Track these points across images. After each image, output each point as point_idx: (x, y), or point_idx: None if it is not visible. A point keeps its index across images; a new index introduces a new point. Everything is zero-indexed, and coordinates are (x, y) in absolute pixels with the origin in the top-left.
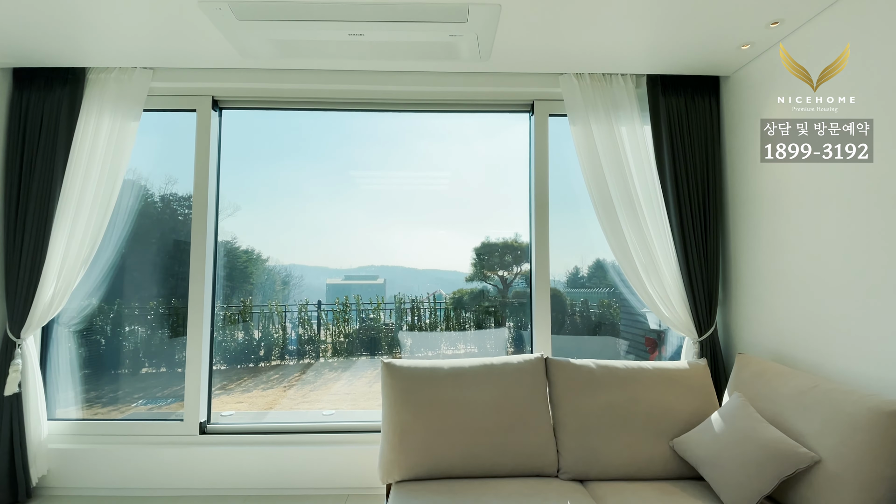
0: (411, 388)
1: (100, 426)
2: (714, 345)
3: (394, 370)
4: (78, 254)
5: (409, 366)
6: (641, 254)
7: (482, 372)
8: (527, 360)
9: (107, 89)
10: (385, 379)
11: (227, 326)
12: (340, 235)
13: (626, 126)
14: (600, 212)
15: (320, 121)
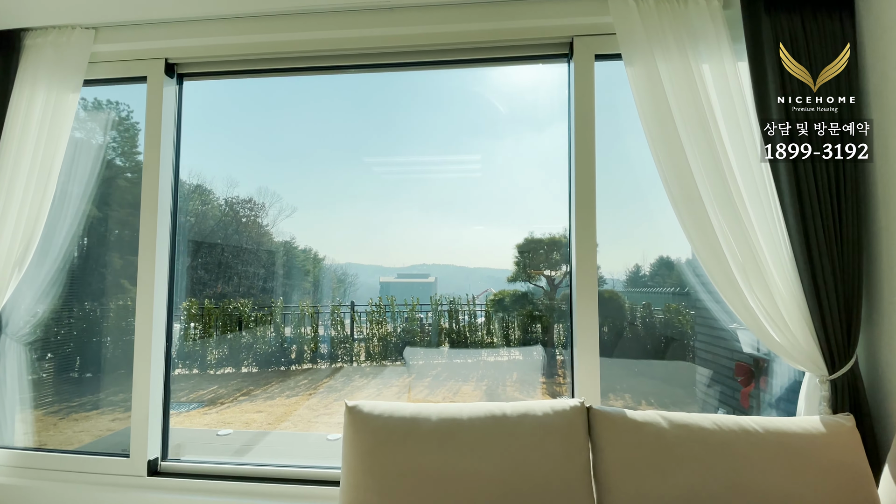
0: (380, 450)
1: (45, 458)
2: (854, 387)
3: (359, 420)
4: (9, 255)
5: (382, 413)
6: (738, 251)
7: (487, 427)
8: (558, 411)
9: (42, 56)
10: (346, 431)
11: (259, 327)
12: (393, 233)
13: (710, 63)
14: (673, 191)
15: (351, 112)
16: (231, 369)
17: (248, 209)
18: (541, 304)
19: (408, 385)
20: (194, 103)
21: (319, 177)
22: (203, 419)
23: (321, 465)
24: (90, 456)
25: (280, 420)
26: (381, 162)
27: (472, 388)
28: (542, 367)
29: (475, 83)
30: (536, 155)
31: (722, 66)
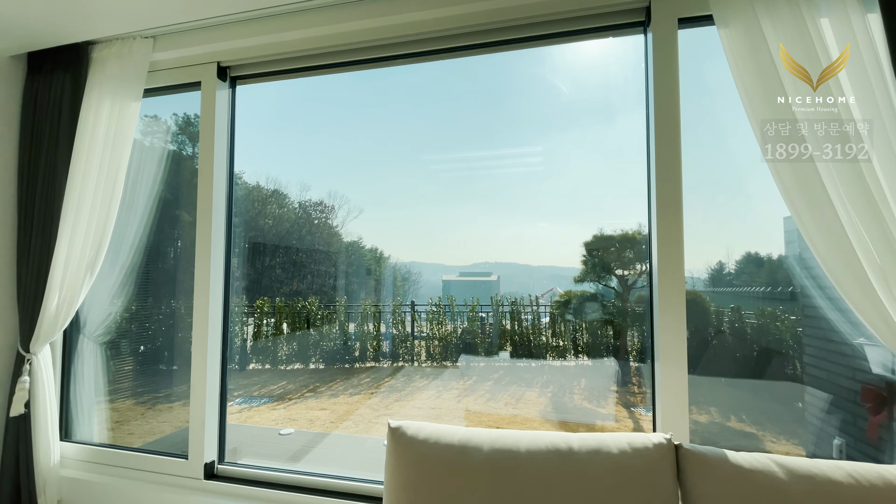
0: (424, 483)
1: (115, 455)
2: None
3: (402, 444)
4: (82, 257)
5: (428, 438)
6: (876, 253)
7: (550, 464)
8: (638, 450)
9: (107, 68)
10: (389, 457)
11: (325, 324)
12: (455, 231)
13: (830, 16)
14: (786, 181)
15: (408, 115)
16: (300, 365)
17: (319, 211)
18: (612, 306)
19: (468, 388)
20: (268, 112)
21: (382, 178)
22: (271, 414)
23: (373, 478)
24: (154, 455)
25: (342, 419)
26: (438, 160)
27: (537, 395)
28: (613, 375)
29: (535, 64)
30: (606, 144)
31: (846, 19)
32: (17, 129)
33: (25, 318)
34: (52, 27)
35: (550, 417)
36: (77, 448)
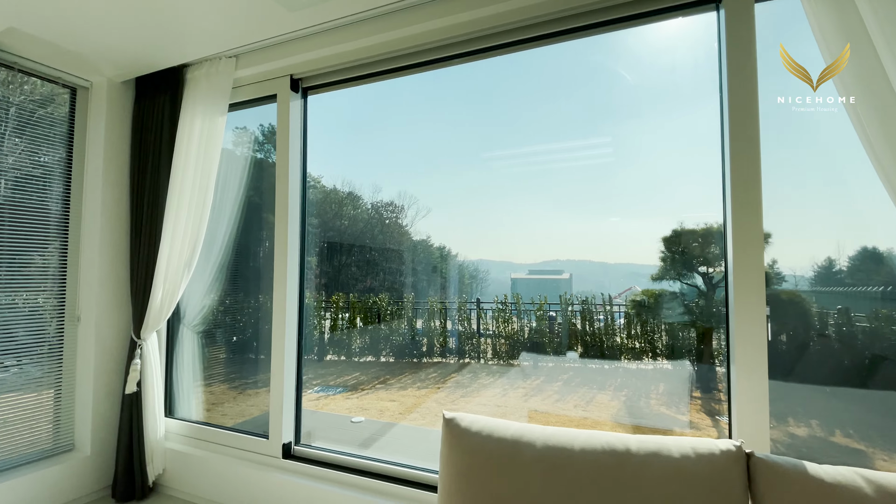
0: (475, 474)
1: (208, 432)
2: None
3: (455, 435)
4: (181, 255)
5: (481, 431)
6: None
7: (605, 465)
8: (702, 455)
9: (198, 87)
10: (443, 446)
11: (395, 320)
12: (522, 228)
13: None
14: (890, 175)
15: (473, 114)
16: (371, 358)
17: (390, 211)
18: (695, 305)
19: (535, 388)
20: (342, 119)
21: (448, 177)
22: (345, 403)
23: (435, 469)
24: (240, 434)
25: (409, 410)
26: (500, 156)
27: (609, 398)
28: (696, 380)
29: (596, 52)
30: (681, 131)
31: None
32: (128, 145)
33: (137, 308)
34: (154, 54)
35: (623, 422)
36: (178, 424)
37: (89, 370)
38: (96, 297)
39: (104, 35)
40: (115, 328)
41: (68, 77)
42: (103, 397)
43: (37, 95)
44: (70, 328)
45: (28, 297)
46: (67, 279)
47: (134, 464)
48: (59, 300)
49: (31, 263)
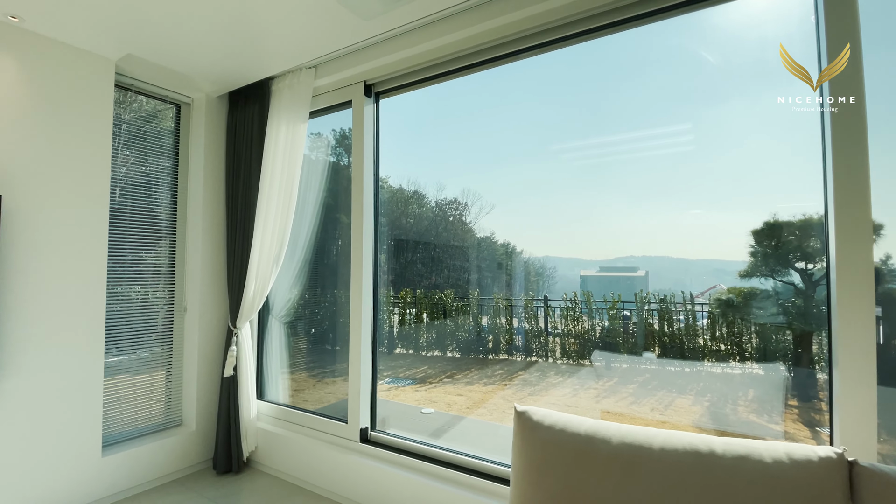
0: (549, 467)
1: (293, 414)
2: None
3: (528, 428)
4: (270, 252)
5: (553, 425)
6: None
7: (686, 466)
8: (798, 462)
9: (283, 97)
10: (515, 438)
11: (460, 316)
12: (592, 223)
13: None
14: None
15: (537, 108)
16: (438, 352)
17: (453, 209)
18: (791, 305)
19: (608, 389)
20: (408, 119)
21: (513, 172)
22: (414, 395)
23: (505, 461)
24: (322, 418)
25: (476, 405)
26: (569, 148)
27: (690, 403)
28: (792, 387)
29: (674, 35)
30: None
31: None
32: (223, 153)
33: (233, 300)
34: (244, 69)
35: (707, 428)
36: (268, 406)
37: (194, 355)
38: (199, 290)
39: (204, 56)
40: (215, 318)
41: (174, 95)
42: (206, 379)
43: (143, 112)
44: (178, 318)
45: (142, 291)
46: (175, 274)
47: (231, 440)
48: (168, 293)
49: (144, 261)
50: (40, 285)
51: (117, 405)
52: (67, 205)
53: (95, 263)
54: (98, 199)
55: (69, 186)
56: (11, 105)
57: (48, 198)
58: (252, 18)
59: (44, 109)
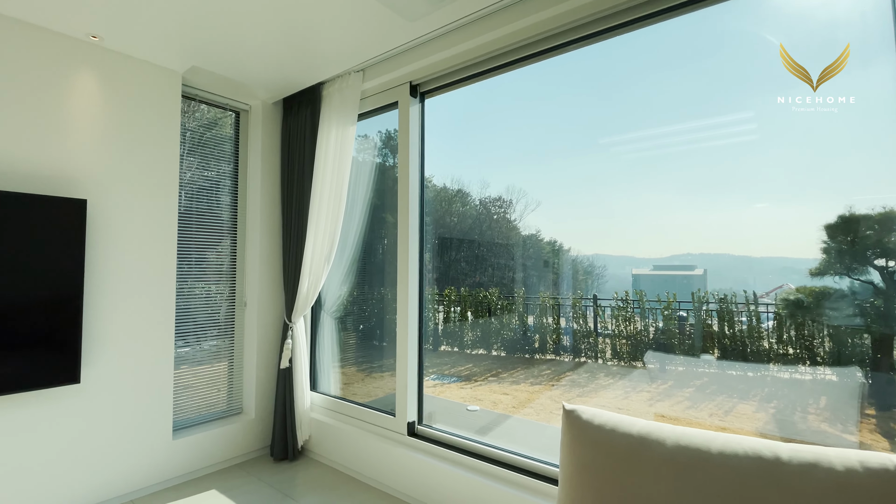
0: (600, 468)
1: (344, 406)
2: None
3: (577, 427)
4: (322, 250)
5: (604, 424)
6: None
7: (748, 472)
8: (872, 471)
9: (333, 101)
10: (564, 437)
11: (505, 314)
12: (644, 220)
13: None
14: None
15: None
16: (483, 351)
17: (498, 206)
18: (870, 306)
19: (662, 393)
20: (451, 118)
21: (559, 168)
22: (459, 392)
23: (553, 461)
24: (371, 410)
25: (523, 405)
26: (620, 141)
27: (754, 410)
28: (869, 395)
29: (734, 19)
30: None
31: None
32: (279, 156)
33: (288, 296)
34: (297, 76)
35: (772, 437)
36: (320, 397)
37: (253, 347)
38: (258, 286)
39: (260, 65)
40: (272, 313)
41: (233, 103)
42: (264, 371)
43: (205, 120)
44: (239, 312)
45: (206, 287)
46: (237, 272)
47: (287, 429)
48: (230, 289)
49: (208, 260)
50: (119, 282)
51: (184, 393)
52: (141, 208)
53: (166, 261)
54: (168, 202)
55: (143, 191)
56: (94, 117)
57: (125, 202)
58: (304, 26)
59: (120, 120)
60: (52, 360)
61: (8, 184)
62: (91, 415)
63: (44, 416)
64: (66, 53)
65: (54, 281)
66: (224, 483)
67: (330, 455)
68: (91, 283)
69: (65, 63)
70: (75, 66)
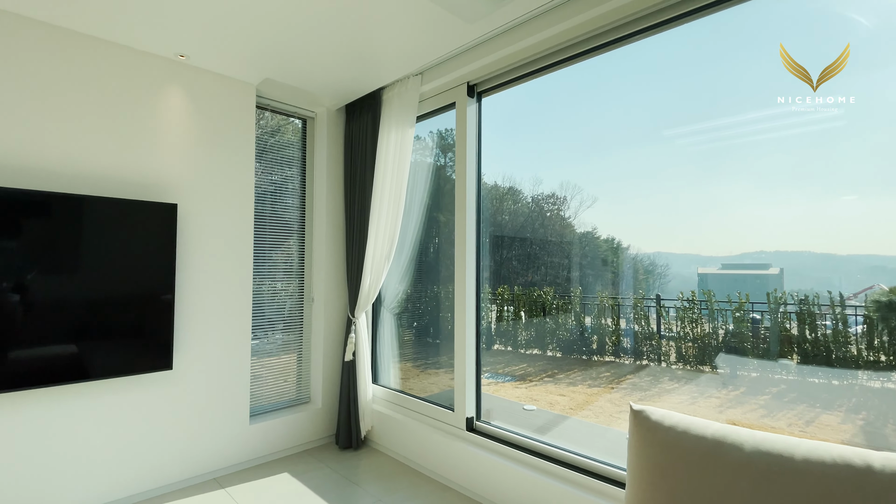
0: (672, 470)
1: (404, 399)
2: None
3: (645, 427)
4: (382, 249)
5: (675, 426)
6: None
7: (835, 480)
8: None
9: (392, 105)
10: (632, 438)
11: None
12: (712, 215)
13: None
14: None
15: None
16: (537, 351)
17: (551, 204)
18: None
19: (733, 399)
20: (502, 116)
21: (618, 163)
22: (514, 392)
23: (616, 463)
24: (430, 404)
25: (581, 407)
26: (684, 132)
27: (839, 421)
28: None
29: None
30: None
31: None
32: (342, 160)
33: (351, 292)
34: (359, 83)
35: None
36: (381, 390)
37: (320, 340)
38: (324, 283)
39: (326, 75)
40: (337, 308)
41: (301, 111)
42: (329, 363)
43: (272, 128)
44: (307, 307)
45: (276, 284)
46: (305, 269)
47: (351, 419)
48: (298, 286)
49: (278, 258)
50: (203, 278)
51: (256, 382)
52: (222, 211)
53: (244, 260)
54: (245, 205)
55: (223, 195)
56: (181, 129)
57: (208, 205)
58: (366, 35)
59: (203, 131)
60: (149, 348)
61: (111, 190)
62: (180, 398)
63: (142, 398)
64: (159, 72)
65: (151, 277)
66: (294, 467)
67: (391, 445)
68: (180, 279)
69: (157, 80)
70: (166, 83)
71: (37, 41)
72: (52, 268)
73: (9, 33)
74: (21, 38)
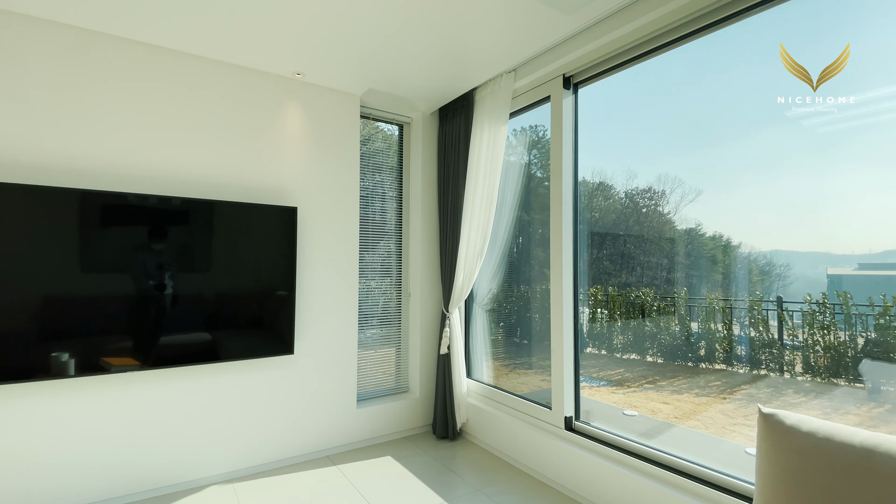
0: (812, 478)
1: (498, 394)
2: None
3: (778, 433)
4: (474, 247)
5: (814, 432)
6: None
7: None
8: None
9: (485, 104)
10: (762, 443)
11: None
12: (843, 208)
13: None
14: None
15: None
16: (635, 356)
17: (647, 198)
18: None
19: (877, 417)
20: (592, 108)
21: (725, 151)
22: (611, 397)
23: (733, 474)
24: (526, 401)
25: (687, 416)
26: (812, 112)
27: None
28: None
29: None
30: None
31: None
32: (436, 162)
33: (445, 288)
34: (452, 86)
35: None
36: (475, 384)
37: (416, 333)
38: (420, 279)
39: (421, 81)
40: (431, 303)
41: (399, 117)
42: (426, 355)
43: (361, 137)
44: (405, 302)
45: (377, 280)
46: (403, 267)
47: (447, 410)
48: (396, 282)
49: (378, 257)
50: (318, 274)
51: (361, 370)
52: (332, 213)
53: (351, 257)
54: (351, 207)
55: (333, 199)
56: (300, 139)
57: (321, 208)
58: (460, 36)
59: (315, 140)
60: (274, 334)
61: (239, 195)
62: (299, 381)
63: (266, 378)
64: (279, 89)
65: (275, 273)
66: (396, 452)
67: (485, 439)
68: (304, 273)
69: (278, 97)
70: (284, 99)
71: (187, 71)
72: (189, 266)
73: (167, 69)
74: (169, 70)
